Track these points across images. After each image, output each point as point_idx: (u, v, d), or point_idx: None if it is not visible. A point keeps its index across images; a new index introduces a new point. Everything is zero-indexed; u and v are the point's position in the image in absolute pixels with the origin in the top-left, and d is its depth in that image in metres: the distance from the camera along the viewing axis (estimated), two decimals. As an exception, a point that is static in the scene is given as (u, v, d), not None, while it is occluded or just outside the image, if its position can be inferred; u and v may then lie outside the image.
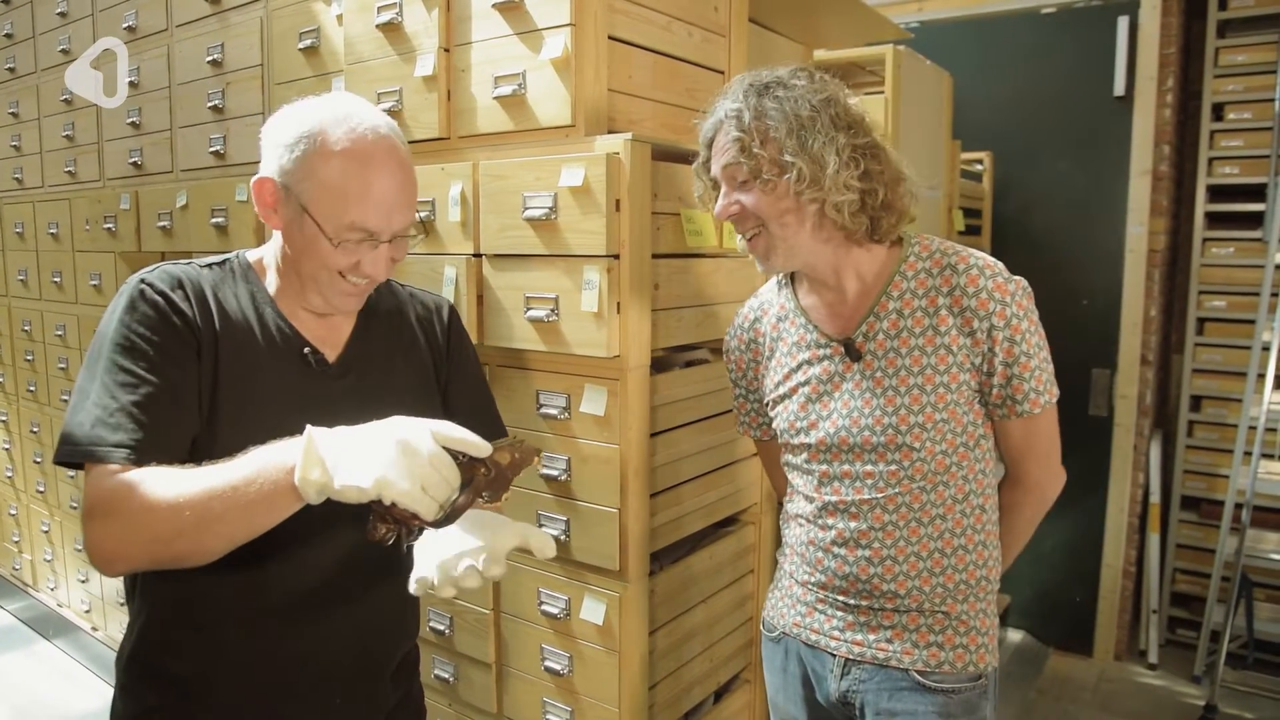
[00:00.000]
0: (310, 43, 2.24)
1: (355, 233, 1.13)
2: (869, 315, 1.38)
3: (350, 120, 1.13)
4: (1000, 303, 1.31)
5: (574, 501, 1.72)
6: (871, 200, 1.33)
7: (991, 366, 1.33)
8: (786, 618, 1.52)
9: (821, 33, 2.59)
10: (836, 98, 1.34)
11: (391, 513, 0.97)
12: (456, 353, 1.38)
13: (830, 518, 1.42)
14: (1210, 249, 3.53)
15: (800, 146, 1.29)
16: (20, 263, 3.59)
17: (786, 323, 1.49)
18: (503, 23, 1.75)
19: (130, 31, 2.92)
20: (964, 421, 1.36)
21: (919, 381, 1.34)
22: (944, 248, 1.38)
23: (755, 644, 2.16)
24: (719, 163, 1.38)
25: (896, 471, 1.36)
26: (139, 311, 1.10)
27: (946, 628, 1.38)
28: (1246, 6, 3.38)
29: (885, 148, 1.36)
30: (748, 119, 1.33)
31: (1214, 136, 3.47)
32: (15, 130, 3.62)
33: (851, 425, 1.37)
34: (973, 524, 1.39)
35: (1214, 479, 3.54)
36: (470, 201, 1.77)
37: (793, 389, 1.46)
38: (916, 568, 1.37)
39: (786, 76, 1.35)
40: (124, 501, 1.00)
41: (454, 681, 2.00)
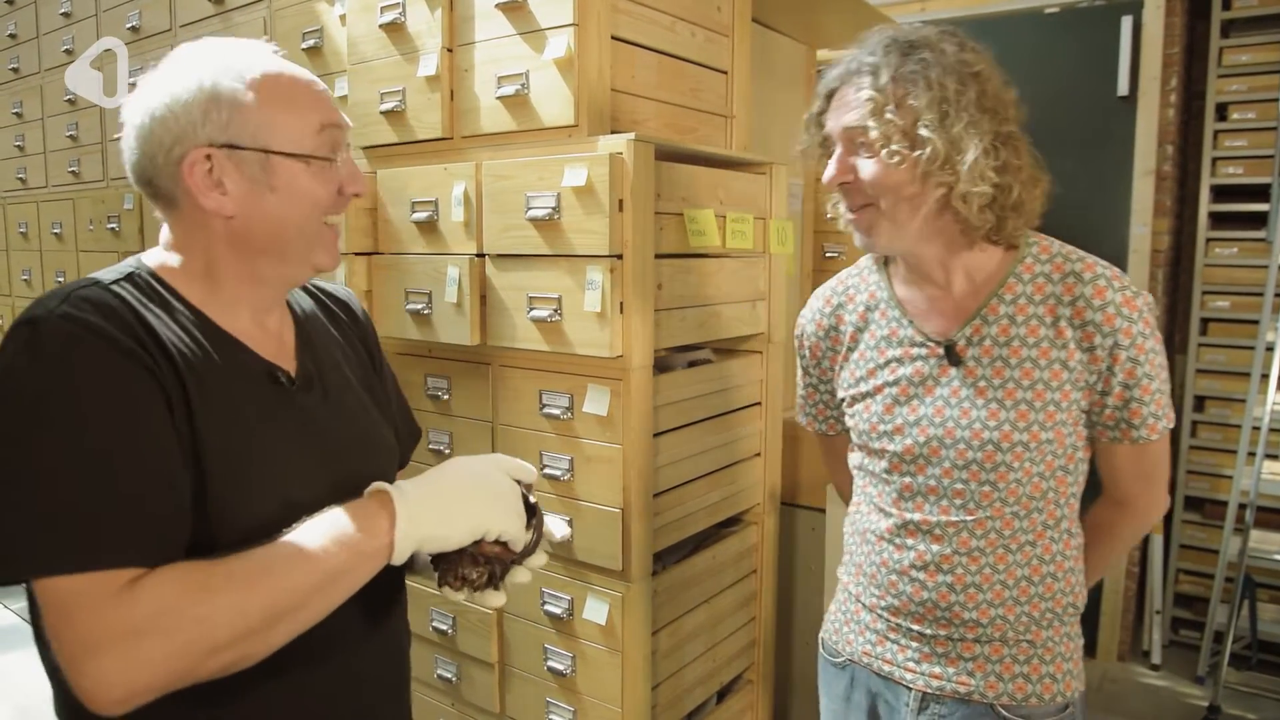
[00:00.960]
0: (313, 42, 2.24)
1: (328, 132, 0.99)
2: (975, 317, 1.25)
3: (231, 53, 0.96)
4: (1128, 319, 1.18)
5: (576, 501, 1.72)
6: (1003, 197, 1.19)
7: (1108, 386, 1.21)
8: (854, 645, 1.38)
9: (824, 32, 2.59)
10: (987, 74, 1.20)
11: (483, 552, 0.96)
12: (378, 343, 1.27)
13: (910, 538, 1.29)
14: (1214, 249, 3.52)
15: (940, 122, 1.15)
16: (24, 263, 3.59)
17: (876, 313, 1.35)
18: (506, 22, 1.75)
19: (134, 32, 2.93)
20: (1067, 444, 1.23)
21: (1028, 396, 1.21)
22: (1066, 252, 1.25)
23: (759, 645, 2.16)
24: (840, 119, 1.23)
25: (990, 492, 1.23)
26: (82, 359, 0.83)
27: (1032, 657, 1.27)
28: (1250, 6, 3.37)
29: (1026, 142, 1.23)
30: (885, 78, 1.18)
31: (1218, 136, 3.47)
32: (19, 130, 3.62)
33: (945, 436, 1.24)
34: (1062, 550, 1.27)
35: (1217, 479, 3.53)
36: (473, 201, 1.77)
37: (877, 388, 1.32)
38: (1001, 596, 1.25)
39: (935, 38, 1.20)
40: (163, 617, 0.79)
41: (456, 681, 2.00)
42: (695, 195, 1.78)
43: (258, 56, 0.97)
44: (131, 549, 0.81)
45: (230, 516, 0.90)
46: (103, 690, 0.78)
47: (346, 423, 1.09)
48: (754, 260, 2.01)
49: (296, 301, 1.15)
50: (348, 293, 1.27)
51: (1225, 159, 3.47)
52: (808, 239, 2.69)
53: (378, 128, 1.98)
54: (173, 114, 0.93)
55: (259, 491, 0.93)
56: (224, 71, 0.94)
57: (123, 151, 0.99)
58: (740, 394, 2.00)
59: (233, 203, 0.95)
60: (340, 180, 1.01)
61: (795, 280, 2.61)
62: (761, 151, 2.29)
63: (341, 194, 1.01)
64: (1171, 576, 3.62)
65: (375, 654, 1.11)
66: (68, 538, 0.79)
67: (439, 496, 0.94)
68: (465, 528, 0.93)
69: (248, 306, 1.02)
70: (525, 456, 1.76)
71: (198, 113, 0.92)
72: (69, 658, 0.79)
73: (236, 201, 0.95)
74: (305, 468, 1.00)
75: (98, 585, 0.79)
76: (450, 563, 0.96)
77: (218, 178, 0.94)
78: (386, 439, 1.17)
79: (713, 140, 2.05)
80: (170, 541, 0.85)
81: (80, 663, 0.78)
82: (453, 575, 0.96)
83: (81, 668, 0.78)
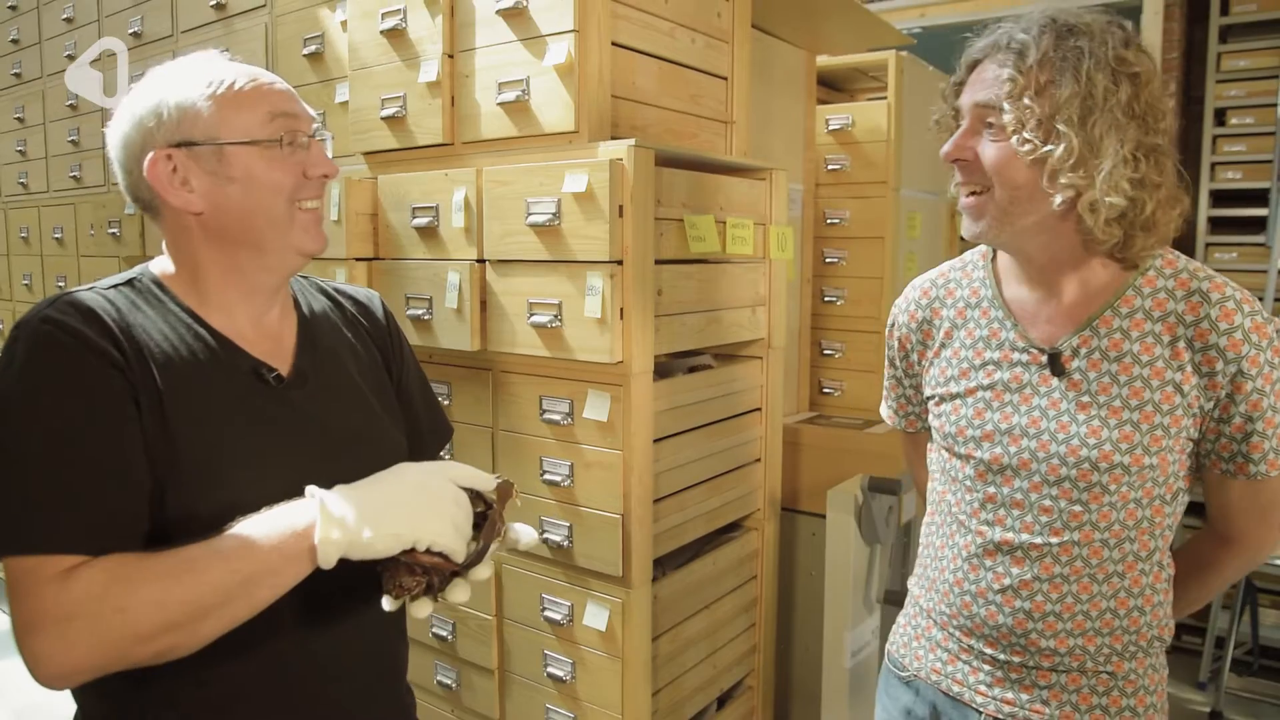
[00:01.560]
0: (315, 48, 2.24)
1: (280, 120, 1.02)
2: (1085, 327, 1.16)
3: (181, 68, 1.04)
4: (1256, 347, 1.09)
5: (577, 507, 1.72)
6: (1134, 213, 1.10)
7: (1227, 415, 1.12)
8: (924, 661, 1.32)
9: (824, 38, 2.60)
10: (1146, 78, 1.10)
11: (419, 562, 0.94)
12: (401, 346, 1.28)
13: (989, 559, 1.21)
14: (1213, 254, 3.52)
15: (1080, 119, 1.07)
16: (25, 267, 3.60)
17: (977, 311, 1.27)
18: (506, 29, 1.75)
19: (136, 37, 2.93)
20: (1170, 472, 1.15)
21: (1134, 418, 1.12)
22: (1193, 269, 1.16)
23: (759, 651, 2.16)
24: (975, 94, 1.15)
25: (1081, 514, 1.15)
26: (50, 359, 0.90)
27: (1112, 689, 1.19)
28: (1249, 11, 3.38)
29: (1172, 157, 1.14)
30: (1032, 58, 1.09)
31: (1216, 141, 3.47)
32: (21, 135, 3.63)
33: (1039, 448, 1.16)
34: (1152, 583, 1.19)
35: (1218, 484, 3.54)
36: (474, 207, 1.77)
37: (970, 389, 1.24)
38: (1082, 626, 1.17)
39: (1100, 27, 1.10)
40: (89, 603, 0.84)
41: (456, 688, 1.99)
42: (695, 201, 1.79)
43: (206, 64, 1.04)
44: (72, 537, 0.87)
45: (200, 509, 0.93)
46: (40, 666, 0.85)
47: (341, 420, 1.09)
48: (754, 265, 2.01)
49: (307, 301, 1.18)
50: (369, 294, 1.29)
51: (1224, 164, 3.48)
52: (808, 244, 2.70)
53: (379, 133, 1.98)
54: (135, 129, 1.01)
55: (230, 486, 0.95)
56: (174, 83, 1.02)
57: None
58: (741, 399, 2.00)
59: (199, 198, 1.01)
60: (304, 164, 1.04)
61: (795, 285, 2.61)
62: (762, 157, 2.30)
63: (308, 176, 1.05)
64: (1172, 582, 3.62)
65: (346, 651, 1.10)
66: (12, 523, 0.86)
67: (368, 504, 0.93)
68: (389, 536, 0.91)
69: (241, 304, 1.06)
70: (525, 462, 1.77)
71: (153, 121, 1.00)
72: (16, 633, 0.86)
73: (202, 196, 1.01)
74: (286, 463, 1.01)
75: (41, 568, 0.85)
76: (390, 571, 0.95)
77: (183, 176, 1.00)
78: (389, 439, 1.16)
79: (713, 146, 2.05)
80: (119, 532, 0.89)
81: (22, 639, 0.85)
82: (391, 584, 0.95)
83: (23, 643, 0.85)
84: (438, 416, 1.32)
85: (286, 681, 1.03)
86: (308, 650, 1.05)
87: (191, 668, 0.92)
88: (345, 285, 1.28)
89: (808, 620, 2.36)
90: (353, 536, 0.90)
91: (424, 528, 0.93)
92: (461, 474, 1.01)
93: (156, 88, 1.02)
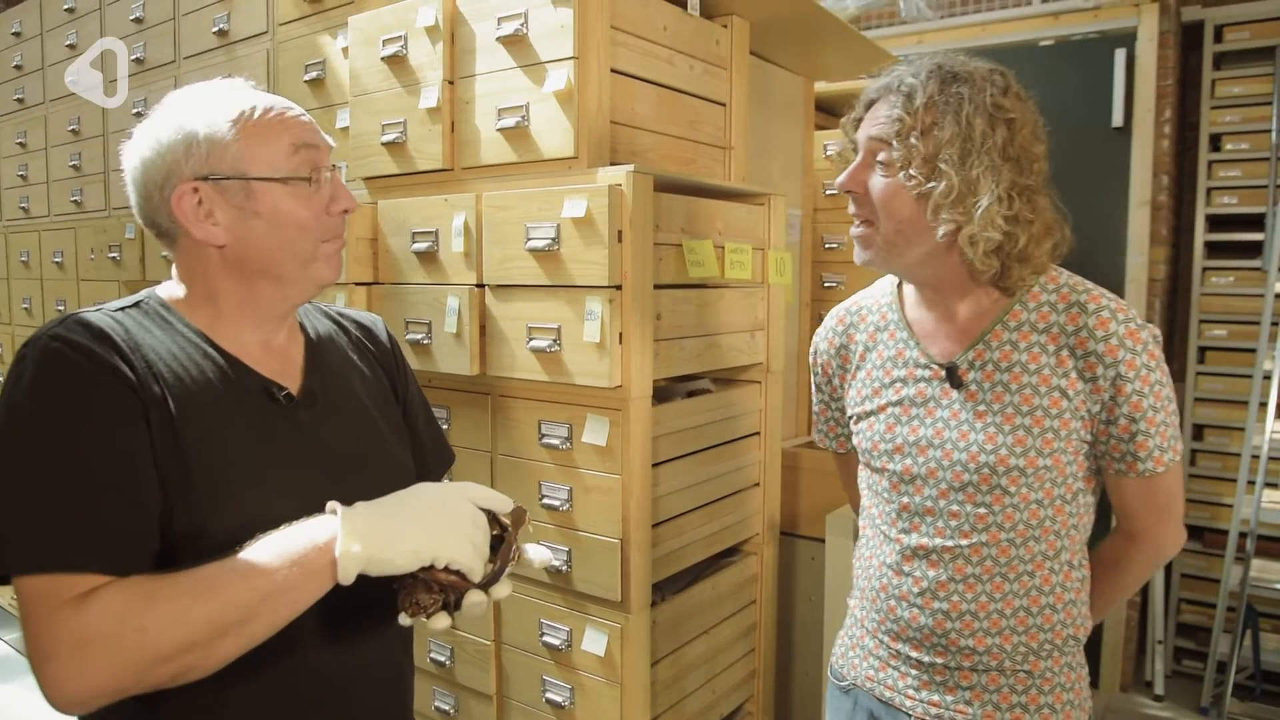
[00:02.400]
0: (316, 75, 2.26)
1: (303, 153, 1.03)
2: (979, 342, 1.26)
3: (207, 95, 1.03)
4: (1131, 351, 1.18)
5: (575, 532, 1.72)
6: (1010, 245, 1.20)
7: (1112, 417, 1.20)
8: (858, 669, 1.40)
9: (821, 65, 2.62)
10: (1020, 123, 1.21)
11: (437, 579, 0.95)
12: (405, 370, 1.29)
13: (907, 564, 1.30)
14: (1210, 278, 3.54)
15: (960, 160, 1.16)
16: (25, 291, 3.60)
17: (885, 334, 1.37)
18: (506, 56, 1.77)
19: (139, 63, 2.96)
20: (1066, 472, 1.23)
21: (1026, 423, 1.21)
22: (1073, 283, 1.25)
23: (759, 676, 2.14)
24: (867, 130, 1.25)
25: (986, 516, 1.23)
26: (60, 377, 0.90)
27: (1030, 687, 1.26)
28: (1242, 39, 3.41)
29: (1047, 195, 1.24)
30: (918, 102, 1.19)
31: (1212, 167, 3.49)
32: (23, 160, 3.65)
33: (943, 457, 1.25)
34: (1062, 581, 1.26)
35: (1218, 508, 3.53)
36: (473, 232, 1.78)
37: (881, 407, 1.34)
38: (998, 625, 1.25)
39: (981, 75, 1.21)
40: (108, 624, 0.83)
41: (454, 714, 1.98)
42: (694, 226, 1.80)
43: (231, 93, 1.04)
44: (82, 555, 0.85)
45: (211, 527, 0.93)
46: (57, 692, 0.83)
47: (349, 441, 1.10)
48: (753, 290, 2.02)
49: (312, 324, 1.19)
50: (373, 319, 1.30)
51: (1220, 189, 3.50)
52: (806, 269, 2.71)
53: (379, 159, 2.00)
54: (159, 156, 1.00)
55: (241, 504, 0.95)
56: (201, 112, 1.01)
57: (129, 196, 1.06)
58: (739, 424, 2.00)
59: (223, 232, 1.01)
60: (326, 199, 1.05)
61: (794, 310, 2.62)
62: (760, 183, 2.31)
63: (329, 213, 1.06)
64: (1173, 606, 3.61)
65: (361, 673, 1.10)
66: (19, 542, 0.85)
67: (390, 520, 0.94)
68: (409, 553, 0.92)
69: (251, 328, 1.07)
70: (524, 486, 1.77)
71: (180, 151, 0.99)
72: (31, 659, 0.84)
73: (226, 230, 1.01)
74: (296, 482, 1.02)
75: (52, 590, 0.84)
76: (407, 588, 0.96)
77: (208, 209, 1.00)
78: (396, 459, 1.17)
79: (711, 171, 2.06)
80: (129, 550, 0.89)
81: (38, 664, 0.83)
82: (408, 601, 0.96)
83: (39, 669, 0.83)
84: (440, 441, 1.33)
85: (299, 703, 1.03)
86: (320, 671, 1.05)
87: (204, 690, 0.91)
88: (348, 309, 1.29)
89: (807, 645, 2.35)
90: (373, 551, 0.90)
91: (443, 545, 0.93)
92: (479, 495, 1.02)
93: (181, 114, 1.01)
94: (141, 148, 1.02)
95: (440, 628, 0.98)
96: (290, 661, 1.00)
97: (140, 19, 2.93)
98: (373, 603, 1.05)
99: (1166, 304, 3.55)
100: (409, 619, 0.97)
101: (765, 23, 2.17)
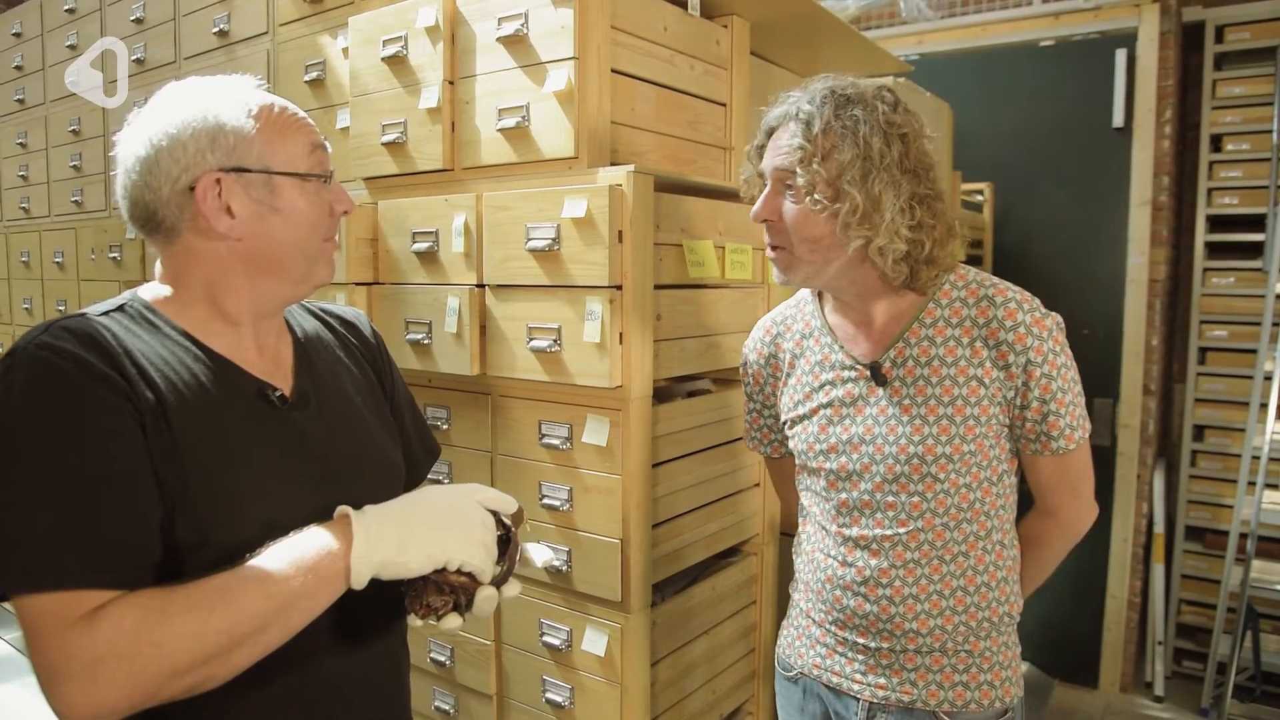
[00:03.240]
0: (316, 75, 2.26)
1: (318, 153, 1.05)
2: (898, 340, 1.34)
3: (227, 87, 1.03)
4: (1038, 338, 1.27)
5: (575, 532, 1.72)
6: (917, 251, 1.28)
7: (1025, 401, 1.29)
8: (805, 658, 1.47)
9: (822, 65, 2.61)
10: (912, 136, 1.28)
11: (448, 581, 0.96)
12: (391, 365, 1.29)
13: (850, 554, 1.37)
14: (1211, 279, 3.54)
15: (862, 178, 1.23)
16: (25, 291, 3.60)
17: (810, 340, 1.45)
18: (507, 56, 1.77)
19: (139, 64, 2.96)
20: (990, 455, 1.32)
21: (949, 412, 1.29)
22: (980, 279, 1.34)
23: (759, 676, 2.14)
24: (774, 160, 1.32)
25: (919, 504, 1.31)
26: (50, 387, 0.86)
27: (970, 666, 1.35)
28: (1243, 40, 3.41)
29: (943, 200, 1.32)
30: (816, 128, 1.26)
31: (1213, 167, 3.50)
32: (23, 160, 3.65)
33: (875, 452, 1.33)
34: (994, 560, 1.35)
35: (1218, 509, 3.53)
36: (473, 232, 1.78)
37: (813, 410, 1.41)
38: (939, 606, 1.33)
39: (870, 95, 1.28)
40: (121, 642, 0.81)
41: (454, 714, 1.98)
42: (694, 226, 1.80)
43: (249, 89, 1.04)
44: (84, 569, 0.83)
45: (214, 534, 0.92)
46: (70, 712, 0.81)
47: (342, 441, 1.10)
48: (753, 291, 2.02)
49: (297, 322, 1.17)
50: (356, 314, 1.29)
51: (1220, 189, 3.50)
52: (806, 269, 2.71)
53: (379, 159, 2.00)
54: (179, 144, 0.97)
55: (241, 508, 0.94)
56: (225, 103, 1.00)
57: (119, 188, 1.02)
58: (739, 424, 2.00)
59: (241, 225, 1.00)
60: (329, 200, 1.07)
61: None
62: (760, 182, 2.31)
63: (332, 214, 1.07)
64: (1173, 607, 3.61)
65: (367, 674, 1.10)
66: (21, 560, 0.82)
67: (401, 524, 0.94)
68: (423, 556, 0.93)
69: (246, 328, 1.05)
70: (524, 486, 1.77)
71: (205, 140, 0.97)
72: (41, 679, 0.82)
73: (244, 224, 1.00)
74: (293, 485, 1.01)
75: (59, 609, 0.82)
76: (417, 590, 0.97)
77: (225, 202, 0.98)
78: (388, 458, 1.17)
79: (711, 172, 2.06)
80: (131, 562, 0.87)
81: (49, 686, 0.81)
82: (418, 603, 0.97)
83: (51, 691, 0.81)
84: (426, 435, 1.33)
85: (302, 703, 1.03)
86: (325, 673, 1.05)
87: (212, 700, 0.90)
88: (330, 305, 1.28)
89: (808, 646, 2.34)
90: (388, 555, 0.91)
91: (455, 548, 0.95)
92: (487, 497, 1.03)
93: (201, 104, 0.99)
94: (150, 137, 0.98)
95: (452, 628, 0.98)
96: (295, 664, 1.00)
97: (141, 19, 2.93)
98: (377, 605, 1.05)
99: (1167, 305, 3.55)
100: (419, 620, 0.98)
101: (766, 23, 2.17)
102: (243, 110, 1.00)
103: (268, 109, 1.02)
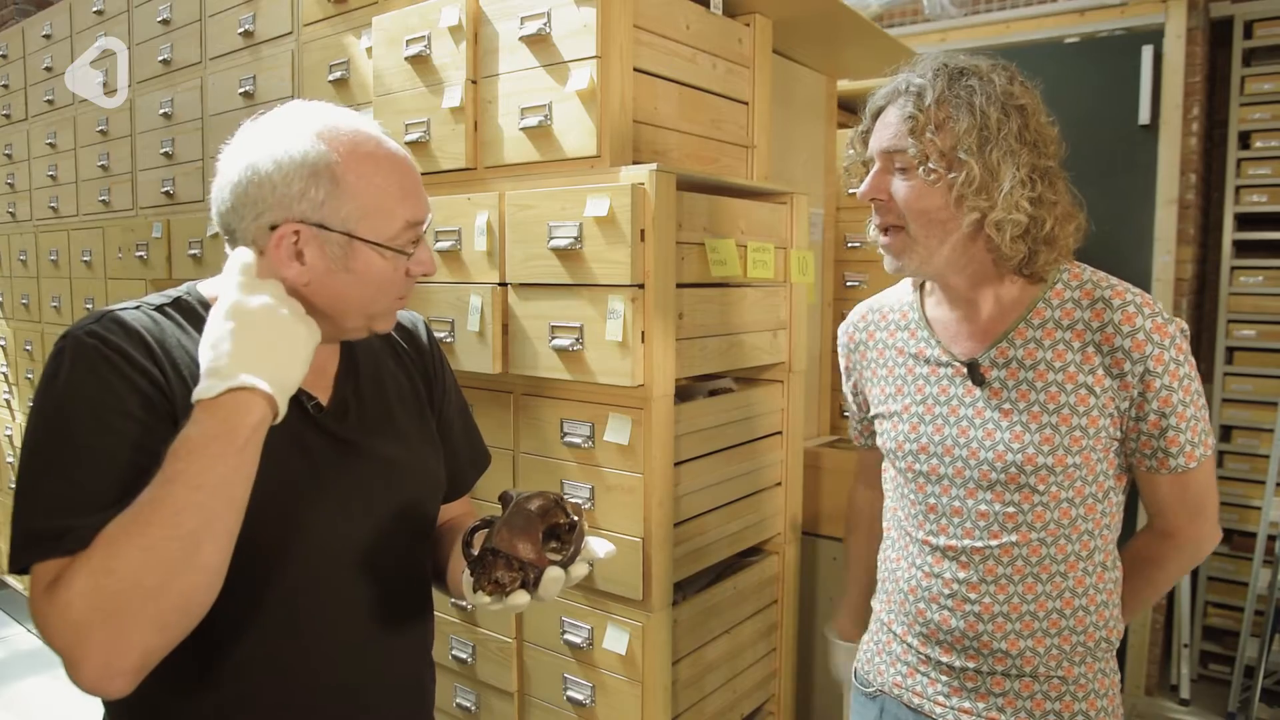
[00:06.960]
0: (340, 75, 2.28)
1: (409, 231, 1.02)
2: (1002, 340, 1.25)
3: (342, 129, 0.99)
4: (1159, 345, 1.17)
5: (597, 530, 1.72)
6: (1036, 229, 1.20)
7: (1142, 413, 1.19)
8: (885, 675, 1.38)
9: (845, 63, 2.61)
10: (1032, 109, 1.22)
11: (517, 557, 0.95)
12: (444, 372, 1.27)
13: (937, 564, 1.28)
14: (1239, 277, 3.49)
15: (979, 148, 1.17)
16: (54, 289, 3.65)
17: (905, 333, 1.37)
18: (530, 55, 1.77)
19: (165, 64, 2.99)
20: (1096, 470, 1.22)
21: (1052, 420, 1.20)
22: (1096, 278, 1.25)
23: (779, 676, 2.14)
24: (880, 140, 1.25)
25: (1015, 515, 1.22)
26: (93, 374, 0.90)
27: (1064, 694, 1.24)
28: (1273, 35, 3.36)
29: (1064, 177, 1.25)
30: (929, 99, 1.19)
31: (1241, 165, 3.45)
32: (53, 160, 3.70)
33: (969, 457, 1.24)
34: (1095, 583, 1.25)
35: (1246, 510, 3.49)
36: (496, 231, 1.79)
37: (904, 406, 1.33)
38: (1031, 627, 1.23)
39: (986, 69, 1.23)
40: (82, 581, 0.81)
41: (476, 711, 1.99)
42: (716, 225, 1.79)
43: (363, 138, 1.00)
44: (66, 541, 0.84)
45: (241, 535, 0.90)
46: (85, 678, 0.81)
47: (379, 451, 1.09)
48: (775, 290, 2.02)
49: None
50: (414, 319, 1.28)
51: (1249, 187, 3.45)
52: (828, 268, 2.70)
53: (403, 158, 2.01)
54: (271, 180, 0.95)
55: (267, 512, 0.94)
56: (329, 149, 0.96)
57: (213, 191, 1.01)
58: (761, 423, 2.00)
59: (308, 273, 0.98)
60: (410, 263, 1.03)
61: (816, 309, 2.61)
62: (782, 181, 2.30)
63: (409, 275, 1.04)
64: (1200, 609, 3.57)
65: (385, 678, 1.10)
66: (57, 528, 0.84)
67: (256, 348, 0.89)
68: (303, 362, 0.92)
69: None
70: (547, 485, 1.77)
71: (297, 186, 0.95)
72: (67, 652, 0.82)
73: (312, 273, 0.98)
74: (322, 492, 1.02)
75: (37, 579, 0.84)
76: (485, 566, 0.96)
77: (299, 249, 0.97)
78: (426, 469, 1.16)
79: (734, 170, 2.06)
80: None
81: (72, 673, 0.81)
82: (485, 579, 0.95)
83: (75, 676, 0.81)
84: (477, 445, 1.32)
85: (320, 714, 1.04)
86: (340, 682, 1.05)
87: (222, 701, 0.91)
88: None
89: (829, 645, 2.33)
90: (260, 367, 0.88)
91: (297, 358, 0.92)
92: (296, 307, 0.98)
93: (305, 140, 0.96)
94: (255, 157, 0.97)
95: (520, 604, 0.96)
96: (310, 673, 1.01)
97: (168, 20, 2.96)
98: (392, 612, 1.06)
99: (1194, 304, 3.51)
100: (487, 597, 0.96)
101: (788, 21, 2.16)
102: (346, 161, 0.97)
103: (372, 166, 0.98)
